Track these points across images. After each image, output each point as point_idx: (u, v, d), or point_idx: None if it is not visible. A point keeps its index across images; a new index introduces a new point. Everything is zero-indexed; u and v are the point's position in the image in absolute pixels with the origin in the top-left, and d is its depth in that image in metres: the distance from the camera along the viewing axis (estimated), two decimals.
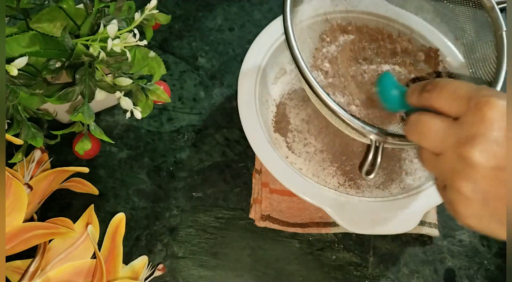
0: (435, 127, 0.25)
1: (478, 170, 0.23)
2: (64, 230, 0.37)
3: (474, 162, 0.23)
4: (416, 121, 0.26)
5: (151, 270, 0.40)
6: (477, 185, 0.23)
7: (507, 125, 0.22)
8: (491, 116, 0.22)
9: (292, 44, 0.34)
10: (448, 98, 0.25)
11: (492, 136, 0.22)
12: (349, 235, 0.44)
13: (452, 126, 0.24)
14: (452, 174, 0.24)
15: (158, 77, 0.43)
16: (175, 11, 0.57)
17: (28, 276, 0.35)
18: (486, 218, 0.24)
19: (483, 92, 0.23)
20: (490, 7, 0.37)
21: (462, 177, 0.23)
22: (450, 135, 0.24)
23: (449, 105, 0.25)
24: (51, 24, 0.38)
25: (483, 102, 0.23)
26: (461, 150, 0.23)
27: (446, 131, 0.24)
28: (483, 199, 0.23)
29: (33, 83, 0.35)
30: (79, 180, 0.42)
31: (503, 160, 0.22)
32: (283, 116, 0.47)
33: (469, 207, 0.24)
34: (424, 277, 0.43)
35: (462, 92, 0.24)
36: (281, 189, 0.44)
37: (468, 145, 0.23)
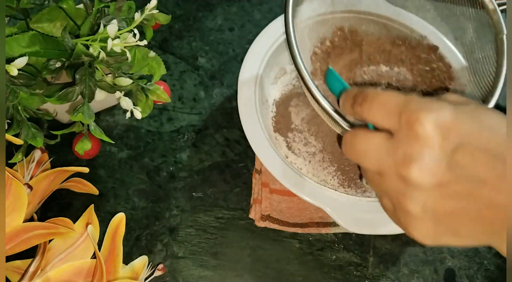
0: (370, 147, 0.24)
1: (421, 190, 0.22)
2: (64, 230, 0.37)
3: (415, 182, 0.22)
4: (351, 140, 0.25)
5: (151, 270, 0.40)
6: (424, 204, 0.23)
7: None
8: (423, 134, 0.21)
9: (295, 51, 0.33)
10: (379, 113, 0.24)
11: (427, 155, 0.22)
12: (349, 235, 0.44)
13: (387, 145, 0.23)
14: (397, 195, 0.24)
15: (158, 77, 0.43)
16: (175, 11, 0.57)
17: (28, 276, 0.35)
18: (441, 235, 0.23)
19: (412, 106, 0.22)
20: (492, 10, 0.37)
21: (407, 197, 0.23)
22: (387, 155, 0.23)
23: (381, 120, 0.24)
24: (51, 24, 0.38)
25: (413, 119, 0.22)
26: (400, 170, 0.22)
27: (382, 150, 0.24)
28: (433, 218, 0.23)
29: (33, 83, 0.35)
30: (79, 180, 0.42)
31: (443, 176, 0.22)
32: (283, 116, 0.47)
33: (423, 228, 0.23)
34: (424, 277, 0.43)
35: (392, 106, 0.23)
36: (281, 189, 0.44)
37: (406, 165, 0.22)
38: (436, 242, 0.24)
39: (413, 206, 0.23)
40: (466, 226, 0.22)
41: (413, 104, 0.22)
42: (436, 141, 0.21)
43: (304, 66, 0.32)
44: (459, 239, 0.23)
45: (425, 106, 0.22)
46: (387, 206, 0.26)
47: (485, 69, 0.39)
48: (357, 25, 0.45)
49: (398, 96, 0.23)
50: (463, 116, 0.22)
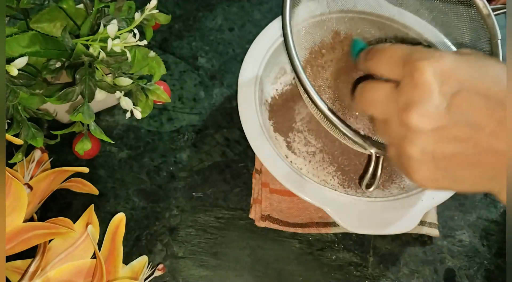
0: (377, 95, 0.25)
1: (420, 134, 0.23)
2: (64, 230, 0.37)
3: (414, 126, 0.23)
4: (361, 91, 0.27)
5: (151, 270, 0.40)
6: (423, 148, 0.23)
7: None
8: (423, 81, 0.22)
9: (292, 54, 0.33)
10: (386, 64, 0.25)
11: (427, 100, 0.22)
12: (349, 235, 0.44)
13: (392, 93, 0.24)
14: (399, 140, 0.25)
15: (158, 77, 0.43)
16: (175, 11, 0.57)
17: (28, 276, 0.35)
18: (440, 179, 0.24)
19: (414, 56, 0.23)
20: (486, 15, 0.37)
21: (408, 142, 0.24)
22: (391, 102, 0.24)
23: (387, 71, 0.25)
24: (51, 24, 0.38)
25: (414, 68, 0.23)
26: (402, 116, 0.23)
27: (387, 98, 0.25)
28: (432, 160, 0.24)
29: (33, 83, 0.35)
30: (79, 180, 0.42)
31: (441, 120, 0.22)
32: (283, 116, 0.47)
33: (422, 170, 0.24)
34: (424, 277, 0.43)
35: (397, 57, 0.24)
36: (281, 189, 0.44)
37: (407, 111, 0.23)
38: (436, 185, 0.25)
39: (413, 149, 0.24)
40: (465, 170, 0.23)
41: (416, 54, 0.23)
42: (435, 87, 0.22)
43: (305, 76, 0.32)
44: (458, 184, 0.24)
45: (427, 55, 0.23)
46: (393, 154, 0.27)
47: None
48: (353, 27, 0.45)
49: (403, 48, 0.24)
50: (464, 64, 0.22)
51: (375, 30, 0.46)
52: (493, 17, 0.37)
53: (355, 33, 0.45)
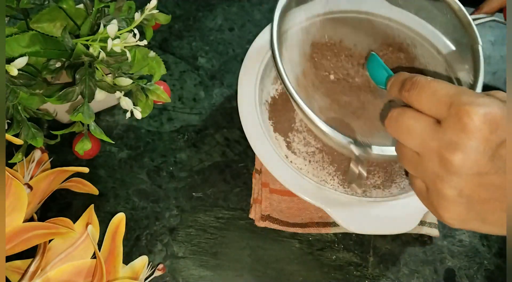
0: (417, 128, 0.25)
1: (461, 176, 0.23)
2: (64, 230, 0.37)
3: (456, 168, 0.23)
4: (397, 118, 0.26)
5: (151, 270, 0.40)
6: (461, 190, 0.24)
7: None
8: (471, 126, 0.23)
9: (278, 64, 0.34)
10: (428, 101, 0.25)
11: (473, 145, 0.23)
12: (349, 235, 0.44)
13: (434, 130, 0.24)
14: (435, 178, 0.25)
15: (158, 77, 0.43)
16: (175, 11, 0.57)
17: (28, 276, 0.35)
18: (470, 220, 0.25)
19: (463, 99, 0.23)
20: (467, 23, 0.38)
21: (446, 182, 0.24)
22: (432, 139, 0.24)
23: (429, 108, 0.25)
24: (51, 24, 0.38)
25: (463, 111, 0.23)
26: (444, 155, 0.24)
27: (428, 133, 0.25)
28: (467, 203, 0.24)
29: (33, 83, 0.35)
30: (79, 180, 0.42)
31: (484, 167, 0.23)
32: (283, 116, 0.47)
33: (454, 211, 0.25)
34: (424, 277, 0.43)
35: (442, 96, 0.24)
36: (281, 189, 0.44)
37: (451, 151, 0.23)
38: (463, 225, 0.25)
39: (450, 190, 0.24)
40: (495, 215, 0.24)
41: (464, 97, 0.23)
42: (483, 134, 0.23)
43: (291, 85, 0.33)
44: (486, 226, 0.25)
45: (476, 100, 0.23)
46: (419, 187, 0.27)
47: (464, 76, 0.40)
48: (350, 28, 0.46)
49: (449, 87, 0.25)
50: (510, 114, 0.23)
51: (374, 30, 0.46)
52: (473, 25, 0.39)
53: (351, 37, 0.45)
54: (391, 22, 0.47)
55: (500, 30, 0.60)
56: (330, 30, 0.45)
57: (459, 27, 0.39)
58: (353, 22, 0.46)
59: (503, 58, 0.58)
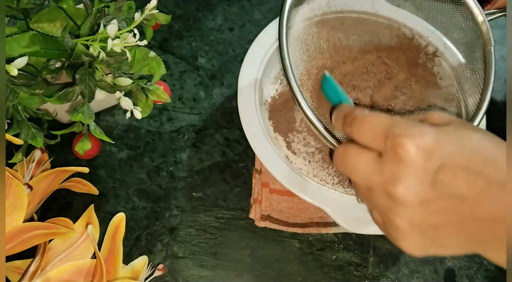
0: (360, 163, 0.26)
1: (407, 207, 0.24)
2: (64, 230, 0.37)
3: (401, 199, 0.24)
4: (342, 155, 0.27)
5: (151, 270, 0.40)
6: (411, 220, 0.24)
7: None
8: (407, 158, 0.23)
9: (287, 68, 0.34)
10: (367, 135, 0.25)
11: (412, 176, 0.23)
12: (349, 235, 0.44)
13: (376, 164, 0.25)
14: (386, 210, 0.25)
15: (158, 77, 0.43)
16: (175, 11, 0.57)
17: (28, 276, 0.35)
18: (428, 247, 0.25)
19: (396, 131, 0.24)
20: (481, 22, 0.38)
21: (395, 213, 0.25)
22: (375, 173, 0.25)
23: (369, 142, 0.25)
24: (51, 24, 0.38)
25: (396, 144, 0.23)
26: (387, 189, 0.24)
27: (371, 168, 0.25)
28: (420, 232, 0.25)
29: (33, 83, 0.35)
30: (79, 180, 0.42)
31: (427, 194, 0.23)
32: (283, 117, 0.47)
33: (410, 241, 0.25)
34: (424, 277, 0.43)
35: (378, 130, 0.25)
36: (281, 189, 0.44)
37: (392, 184, 0.24)
38: (424, 253, 0.26)
39: (401, 221, 0.25)
40: (451, 238, 0.24)
41: (396, 129, 0.24)
42: (419, 163, 0.23)
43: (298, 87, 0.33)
44: (445, 250, 0.25)
45: (408, 131, 0.24)
46: (377, 219, 0.28)
47: (474, 80, 0.39)
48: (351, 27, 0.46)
49: (384, 119, 0.25)
50: (444, 138, 0.23)
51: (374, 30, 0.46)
52: (487, 23, 0.37)
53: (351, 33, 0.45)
54: (392, 22, 0.47)
55: (500, 30, 0.60)
56: (331, 30, 0.45)
57: (470, 26, 0.38)
58: (354, 22, 0.46)
59: (503, 58, 0.58)
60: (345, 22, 0.45)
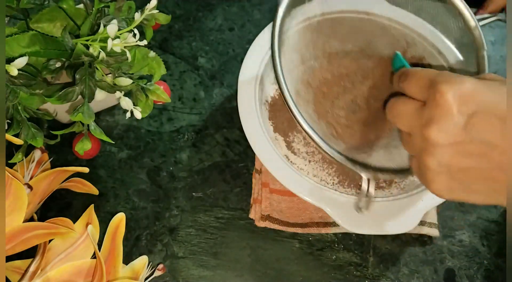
0: (405, 111, 0.28)
1: (438, 147, 0.26)
2: (64, 230, 0.37)
3: (433, 140, 0.26)
4: (391, 105, 0.30)
5: (151, 270, 0.40)
6: (440, 160, 0.26)
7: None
8: (444, 102, 0.25)
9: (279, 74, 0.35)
10: (414, 87, 0.28)
11: (446, 118, 0.25)
12: (349, 235, 0.44)
13: (418, 110, 0.27)
14: (420, 152, 0.27)
15: (158, 77, 0.43)
16: (175, 11, 0.57)
17: (28, 276, 0.35)
18: (455, 189, 0.27)
19: (438, 79, 0.26)
20: (473, 27, 0.38)
21: (427, 154, 0.26)
22: (416, 118, 0.27)
23: (415, 92, 0.28)
24: (51, 24, 0.38)
25: (437, 90, 0.26)
26: (423, 130, 0.26)
27: (413, 114, 0.28)
28: (448, 171, 0.26)
29: (33, 83, 0.35)
30: (79, 180, 0.42)
31: (458, 136, 0.25)
32: (283, 116, 0.47)
33: (439, 181, 0.27)
34: (424, 277, 0.43)
35: (424, 80, 0.27)
36: (281, 189, 0.44)
37: (428, 126, 0.26)
38: (451, 195, 0.27)
39: (431, 160, 0.26)
40: (477, 183, 0.26)
41: (439, 78, 0.26)
42: (454, 107, 0.25)
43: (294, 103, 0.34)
44: (471, 195, 0.27)
45: (449, 79, 0.26)
46: (415, 165, 0.29)
47: None
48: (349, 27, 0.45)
49: (430, 72, 0.27)
50: (484, 88, 0.25)
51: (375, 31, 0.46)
52: (479, 28, 0.38)
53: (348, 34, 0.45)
54: (391, 23, 0.47)
55: (500, 30, 0.60)
56: (330, 31, 0.45)
57: (464, 30, 0.39)
58: (352, 23, 0.46)
59: (503, 58, 0.58)
60: (340, 25, 0.45)
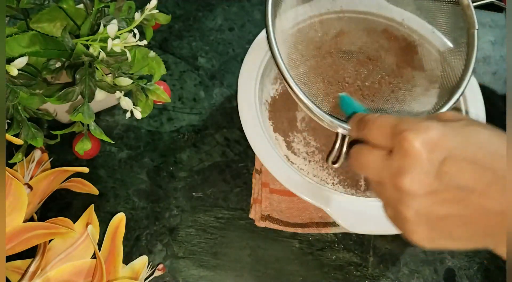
0: (371, 160, 0.27)
1: (413, 197, 0.25)
2: (64, 230, 0.37)
3: (407, 190, 0.25)
4: (356, 154, 0.29)
5: (151, 270, 0.40)
6: (417, 210, 0.25)
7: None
8: (412, 150, 0.24)
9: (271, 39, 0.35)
10: (377, 135, 0.27)
11: (417, 167, 0.24)
12: (349, 235, 0.44)
13: (385, 160, 0.26)
14: (395, 203, 0.26)
15: (158, 77, 0.43)
16: (175, 11, 0.57)
17: (28, 276, 0.35)
18: (436, 238, 0.26)
19: (402, 127, 0.25)
20: (466, 5, 0.38)
21: (403, 205, 0.25)
22: (384, 168, 0.26)
23: (379, 141, 0.27)
24: (51, 24, 0.38)
25: (402, 138, 0.25)
26: (394, 181, 0.25)
27: (381, 164, 0.27)
28: (427, 221, 0.25)
29: (33, 83, 0.35)
30: (79, 180, 0.42)
31: (432, 185, 0.24)
32: (283, 116, 0.47)
33: (419, 232, 0.26)
34: (424, 277, 0.43)
35: (387, 129, 0.26)
36: (281, 189, 0.44)
37: (399, 177, 0.25)
38: (433, 245, 0.26)
39: (408, 211, 0.25)
40: (459, 230, 0.25)
41: (403, 125, 0.25)
42: (424, 155, 0.24)
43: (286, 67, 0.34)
44: (454, 242, 0.26)
45: (413, 126, 0.25)
46: (390, 214, 0.28)
47: (456, 62, 0.40)
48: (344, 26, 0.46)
49: (392, 119, 0.27)
50: (450, 133, 0.24)
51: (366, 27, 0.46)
52: (472, 7, 0.38)
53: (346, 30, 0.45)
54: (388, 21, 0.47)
55: (500, 30, 0.60)
56: (330, 30, 0.45)
57: (456, 10, 0.39)
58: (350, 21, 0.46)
59: (503, 58, 0.58)
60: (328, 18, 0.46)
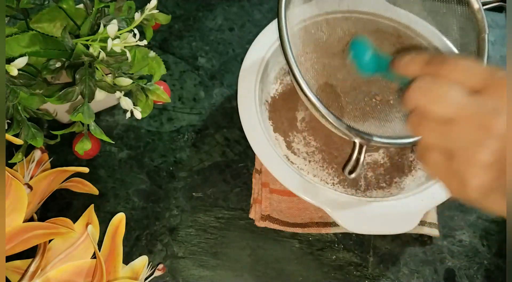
0: (452, 95, 0.25)
1: (499, 140, 0.23)
2: (64, 230, 0.37)
3: (496, 132, 0.23)
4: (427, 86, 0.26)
5: (151, 270, 0.40)
6: (496, 152, 0.24)
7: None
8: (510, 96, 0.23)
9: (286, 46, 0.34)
10: (463, 73, 0.26)
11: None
12: (349, 235, 0.44)
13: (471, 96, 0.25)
14: (467, 143, 0.25)
15: (158, 77, 0.43)
16: (175, 11, 0.57)
17: (28, 276, 0.35)
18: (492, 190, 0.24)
19: (500, 74, 0.24)
20: (476, 9, 0.38)
21: (482, 146, 0.24)
22: (471, 106, 0.25)
23: (464, 78, 0.25)
24: (51, 24, 0.38)
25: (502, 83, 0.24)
26: (483, 120, 0.24)
27: (466, 100, 0.25)
28: (498, 169, 0.24)
29: (33, 83, 0.35)
30: (79, 180, 0.42)
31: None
32: (283, 116, 0.47)
33: (481, 177, 0.24)
34: (424, 277, 0.43)
35: (478, 70, 0.25)
36: (281, 189, 0.44)
37: (493, 117, 0.24)
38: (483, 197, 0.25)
39: (482, 152, 0.24)
40: None
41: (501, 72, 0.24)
42: None
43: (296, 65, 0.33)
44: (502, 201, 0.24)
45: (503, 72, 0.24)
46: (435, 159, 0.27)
47: None
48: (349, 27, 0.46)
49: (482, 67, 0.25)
50: None
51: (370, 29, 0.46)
52: (482, 11, 0.37)
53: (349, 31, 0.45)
54: (392, 22, 0.47)
55: (500, 30, 0.60)
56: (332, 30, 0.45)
57: (466, 13, 0.38)
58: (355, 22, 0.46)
59: (503, 58, 0.58)
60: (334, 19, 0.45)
